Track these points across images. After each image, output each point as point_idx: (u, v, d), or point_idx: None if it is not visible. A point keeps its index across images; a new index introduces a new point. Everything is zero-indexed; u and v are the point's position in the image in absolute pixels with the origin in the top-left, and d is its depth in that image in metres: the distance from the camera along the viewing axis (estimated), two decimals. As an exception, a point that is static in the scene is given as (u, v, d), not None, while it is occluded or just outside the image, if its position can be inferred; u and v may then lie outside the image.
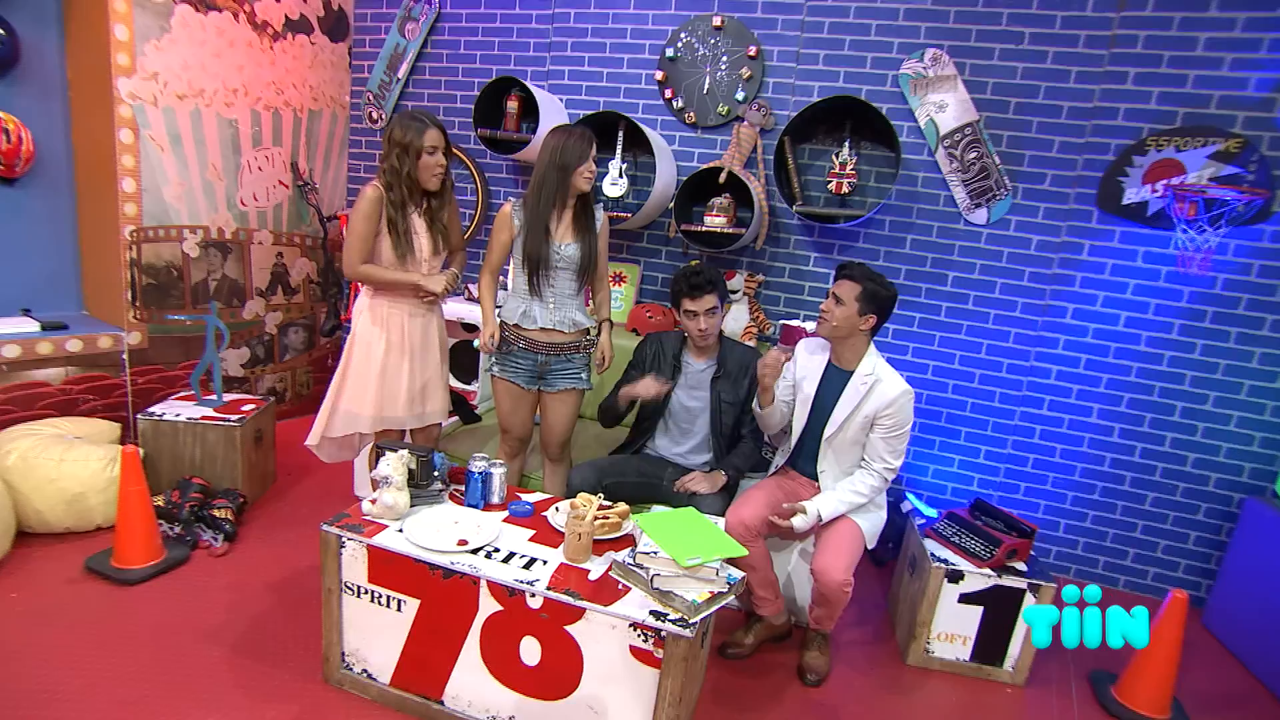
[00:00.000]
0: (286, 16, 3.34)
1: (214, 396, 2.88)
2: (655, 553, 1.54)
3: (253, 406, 2.88)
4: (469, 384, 3.26)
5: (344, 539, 1.72)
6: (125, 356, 2.95)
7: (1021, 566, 2.21)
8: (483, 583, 1.61)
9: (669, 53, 3.08)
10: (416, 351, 2.28)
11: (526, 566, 1.65)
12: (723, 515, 2.09)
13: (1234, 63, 2.48)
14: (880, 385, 2.05)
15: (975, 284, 2.91)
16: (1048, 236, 2.79)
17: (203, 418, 2.71)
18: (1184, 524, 2.84)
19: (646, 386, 2.23)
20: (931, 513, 2.67)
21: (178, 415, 2.71)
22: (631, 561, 1.59)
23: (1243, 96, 2.49)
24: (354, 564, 1.73)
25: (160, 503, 2.53)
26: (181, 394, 2.98)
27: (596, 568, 1.66)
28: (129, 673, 1.85)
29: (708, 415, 2.36)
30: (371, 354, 2.23)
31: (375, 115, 3.71)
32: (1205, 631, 2.67)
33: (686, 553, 1.53)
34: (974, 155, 2.78)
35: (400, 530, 1.75)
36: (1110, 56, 2.60)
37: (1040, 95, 2.70)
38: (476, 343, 2.31)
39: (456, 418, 2.87)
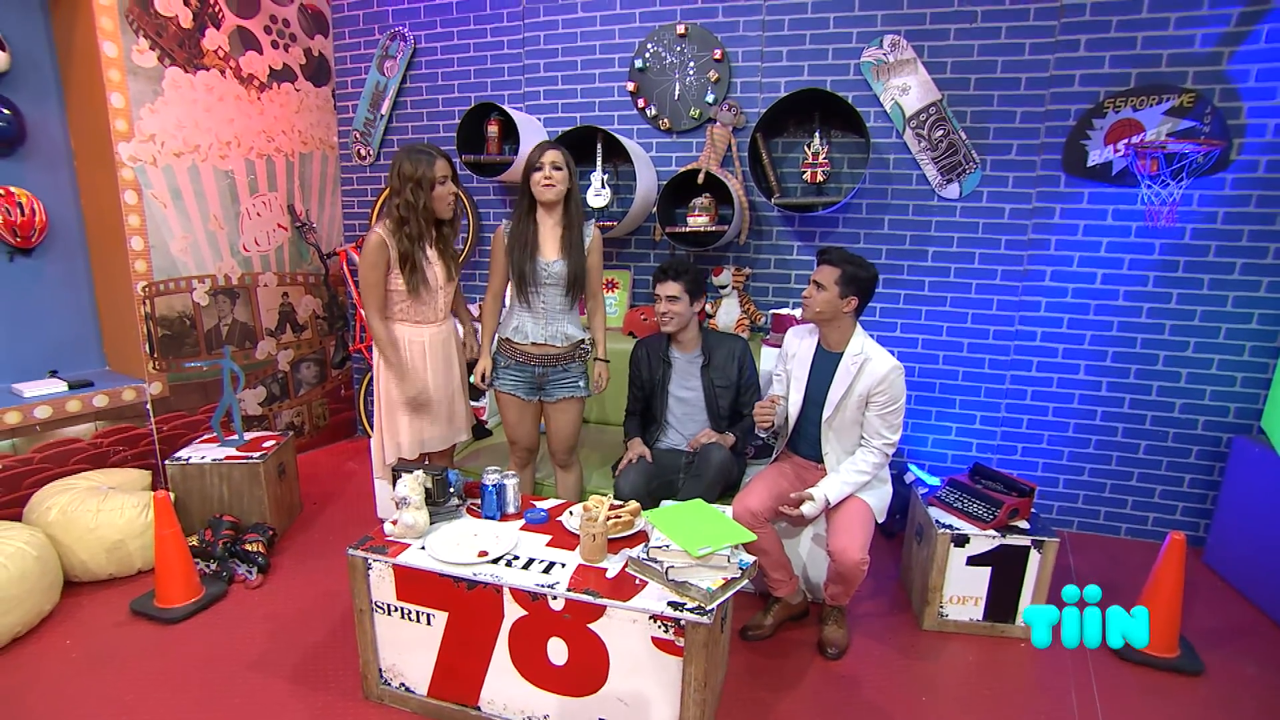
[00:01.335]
0: (270, 67, 3.47)
1: (235, 436, 3.01)
2: (667, 546, 1.64)
3: (273, 442, 3.00)
4: (478, 400, 3.37)
5: (370, 561, 1.83)
6: (149, 406, 3.08)
7: (1024, 525, 2.30)
8: (505, 590, 1.71)
9: (638, 64, 3.19)
10: (440, 373, 2.37)
11: (546, 571, 1.75)
12: (725, 492, 2.21)
13: (1179, 21, 2.56)
14: (870, 364, 2.12)
15: (955, 257, 3.00)
16: (1019, 204, 2.88)
17: (227, 458, 2.84)
18: (1177, 468, 2.92)
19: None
20: (934, 481, 2.75)
21: (203, 457, 2.84)
22: (645, 556, 1.69)
23: (1190, 53, 2.57)
24: (382, 584, 1.83)
25: (194, 542, 2.66)
26: (205, 437, 3.11)
27: (613, 566, 1.76)
28: (180, 707, 1.96)
29: (703, 403, 2.49)
30: (392, 381, 2.31)
31: (363, 152, 3.83)
32: (1207, 569, 2.75)
33: (697, 543, 1.62)
34: (940, 133, 2.88)
35: (423, 548, 1.85)
36: (1061, 26, 2.69)
37: (998, 69, 2.79)
38: (472, 378, 2.42)
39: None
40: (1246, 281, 2.69)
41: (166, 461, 2.84)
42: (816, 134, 2.93)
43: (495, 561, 1.79)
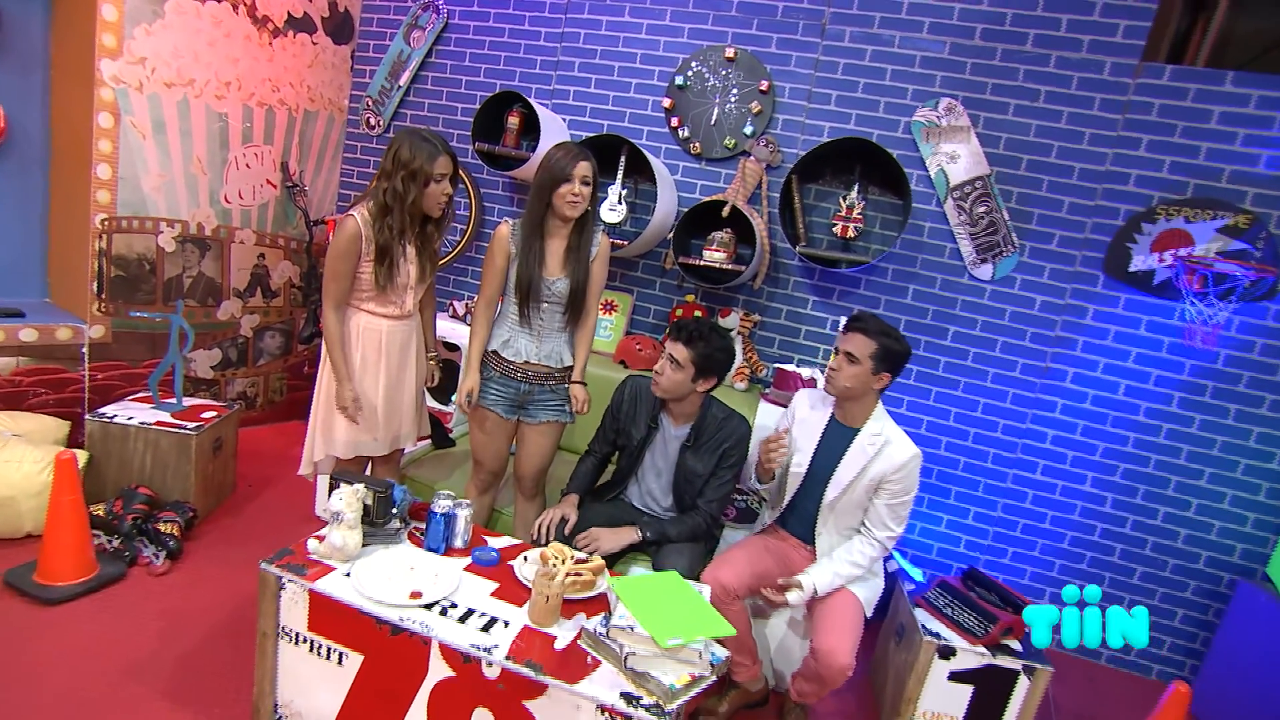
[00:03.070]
0: (289, 14, 3.23)
1: (173, 400, 2.72)
2: (632, 628, 1.39)
3: (214, 414, 2.72)
4: (446, 405, 3.12)
5: (284, 580, 1.57)
6: (85, 350, 2.79)
7: (1016, 645, 2.09)
8: (434, 644, 1.46)
9: (678, 81, 3.01)
10: (394, 370, 2.12)
11: (485, 628, 1.50)
12: (691, 575, 1.95)
13: (1246, 138, 2.44)
14: (890, 448, 1.91)
15: (976, 340, 2.83)
16: (1052, 298, 2.73)
17: (157, 423, 2.55)
18: (1171, 601, 2.75)
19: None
20: (917, 573, 2.57)
21: (130, 418, 2.54)
22: (604, 633, 1.44)
23: (1254, 173, 2.45)
24: (293, 608, 1.57)
25: (100, 512, 2.36)
26: (140, 394, 2.81)
27: (564, 634, 1.51)
28: (30, 709, 1.67)
29: (673, 482, 2.15)
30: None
31: (373, 122, 3.60)
32: (1192, 719, 2.56)
33: (667, 631, 1.37)
34: (983, 209, 2.72)
35: (348, 574, 1.59)
36: (1124, 122, 2.56)
37: (1053, 154, 2.65)
38: (453, 399, 2.15)
39: (428, 441, 2.72)
40: (1273, 419, 2.55)
41: (87, 416, 2.54)
42: (855, 187, 2.76)
43: (429, 607, 1.53)
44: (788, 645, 2.26)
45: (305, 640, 1.59)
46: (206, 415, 2.69)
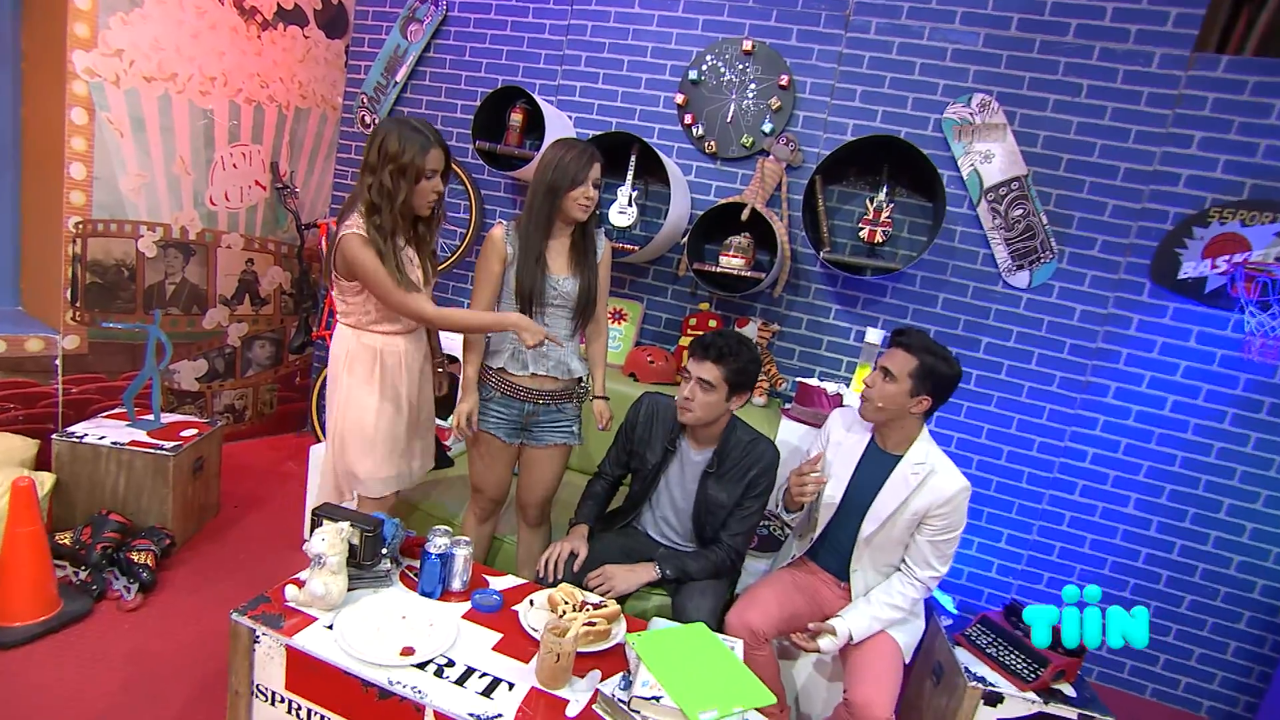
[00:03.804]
0: (279, 5, 3.06)
1: (150, 417, 2.53)
2: (658, 698, 1.20)
3: (195, 432, 2.54)
4: (445, 420, 2.93)
5: (258, 633, 1.38)
6: (58, 362, 2.60)
7: (1069, 690, 1.91)
8: (429, 711, 1.27)
9: (692, 75, 2.83)
10: (414, 390, 1.92)
11: (487, 691, 1.30)
12: (716, 617, 1.76)
13: (1312, 135, 2.26)
14: (935, 478, 1.72)
15: (1010, 353, 2.65)
16: (1093, 307, 2.54)
17: (131, 443, 2.36)
18: (1223, 632, 2.56)
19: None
20: (948, 601, 2.39)
21: (102, 438, 2.36)
22: (624, 701, 1.25)
23: (1321, 173, 2.27)
24: (269, 665, 1.38)
25: (67, 541, 2.17)
26: (114, 411, 2.63)
27: (576, 696, 1.31)
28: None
29: (691, 511, 1.95)
30: (365, 400, 1.83)
31: (368, 119, 3.42)
32: (1257, 768, 2.37)
33: (699, 702, 1.18)
34: (1019, 212, 2.54)
35: (330, 626, 1.40)
36: (1174, 117, 2.38)
37: (1095, 153, 2.47)
38: (449, 420, 1.96)
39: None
40: (1337, 438, 2.36)
41: (54, 436, 2.35)
42: (884, 189, 2.58)
43: (422, 666, 1.34)
44: (813, 688, 2.07)
45: (283, 701, 1.40)
46: (186, 433, 2.51)
